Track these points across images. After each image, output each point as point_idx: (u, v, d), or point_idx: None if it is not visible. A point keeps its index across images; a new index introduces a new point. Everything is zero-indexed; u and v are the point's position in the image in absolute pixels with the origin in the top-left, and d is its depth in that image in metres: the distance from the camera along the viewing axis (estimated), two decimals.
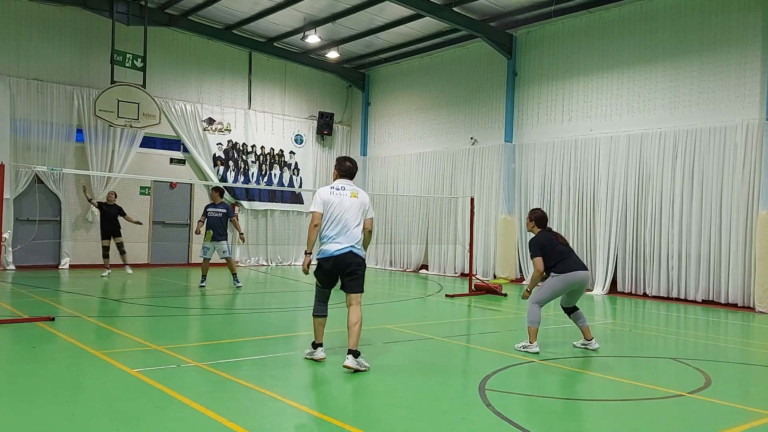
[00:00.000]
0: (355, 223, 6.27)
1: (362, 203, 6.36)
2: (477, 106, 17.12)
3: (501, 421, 4.65)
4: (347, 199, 6.30)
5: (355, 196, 6.34)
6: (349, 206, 6.28)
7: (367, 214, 6.41)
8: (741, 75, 12.13)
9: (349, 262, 6.23)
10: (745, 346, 8.59)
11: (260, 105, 19.17)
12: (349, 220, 6.24)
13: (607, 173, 13.96)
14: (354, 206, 6.30)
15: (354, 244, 6.23)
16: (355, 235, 6.25)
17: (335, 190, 6.36)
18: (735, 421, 4.91)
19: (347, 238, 6.22)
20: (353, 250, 6.23)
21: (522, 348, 7.28)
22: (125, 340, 7.34)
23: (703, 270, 12.43)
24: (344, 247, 6.21)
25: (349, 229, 6.23)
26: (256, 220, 18.95)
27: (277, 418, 4.71)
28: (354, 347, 6.15)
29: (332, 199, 6.29)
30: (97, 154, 16.04)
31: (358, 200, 6.33)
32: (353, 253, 6.23)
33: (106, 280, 13.47)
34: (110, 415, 4.55)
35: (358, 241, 6.25)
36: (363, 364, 6.13)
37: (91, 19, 15.90)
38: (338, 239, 6.22)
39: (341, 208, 6.27)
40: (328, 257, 6.23)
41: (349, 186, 6.41)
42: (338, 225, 6.24)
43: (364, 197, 6.42)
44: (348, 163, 6.54)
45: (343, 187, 6.39)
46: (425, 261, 18.43)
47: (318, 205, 6.34)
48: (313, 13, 16.37)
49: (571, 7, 14.50)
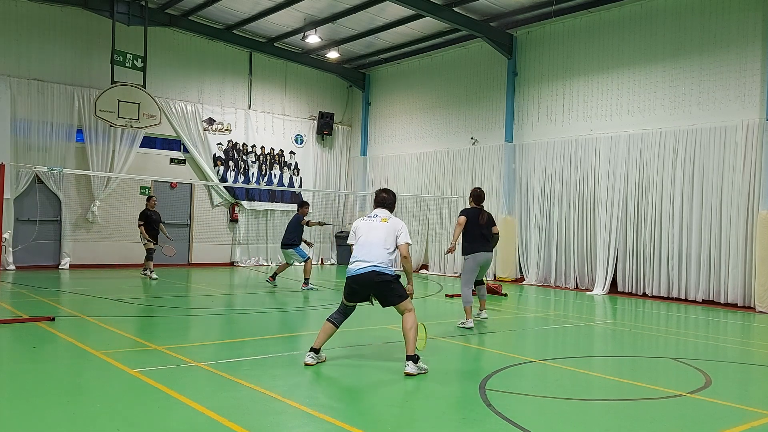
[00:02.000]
0: (381, 245, 6.41)
1: (392, 228, 6.50)
2: (477, 106, 17.12)
3: (501, 421, 4.65)
4: (376, 223, 6.57)
5: (385, 221, 6.57)
6: (375, 229, 6.51)
7: (400, 240, 6.49)
8: (741, 75, 12.13)
9: (372, 280, 6.36)
10: (745, 346, 8.58)
11: (260, 105, 19.17)
12: (373, 242, 6.43)
13: (607, 173, 13.96)
14: (381, 229, 6.49)
15: (377, 263, 6.35)
16: (378, 255, 6.38)
17: (368, 218, 6.73)
18: (735, 421, 4.91)
19: (370, 257, 6.39)
20: (376, 269, 6.35)
21: (461, 324, 8.91)
22: (125, 340, 7.34)
23: (703, 270, 12.43)
24: (366, 266, 6.36)
25: (371, 250, 6.40)
26: (256, 220, 18.95)
27: (277, 418, 4.71)
28: (411, 353, 6.20)
29: (361, 225, 6.66)
30: (97, 154, 16.05)
31: (387, 224, 6.53)
32: (376, 272, 6.35)
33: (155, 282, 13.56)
34: (110, 415, 4.55)
35: (382, 261, 6.37)
36: (423, 368, 6.20)
37: (92, 19, 15.91)
38: (361, 258, 6.43)
39: (368, 231, 6.53)
40: (351, 276, 6.47)
41: (381, 213, 6.68)
42: (363, 247, 6.47)
43: (395, 223, 6.56)
44: (383, 194, 6.83)
45: (376, 214, 6.69)
46: (425, 261, 18.44)
47: (351, 235, 6.78)
48: (314, 13, 16.37)
49: (571, 7, 14.51)
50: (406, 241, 6.50)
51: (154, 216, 14.38)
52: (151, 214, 14.34)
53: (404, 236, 6.51)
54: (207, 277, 15.29)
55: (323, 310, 10.88)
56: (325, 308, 10.99)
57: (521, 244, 15.79)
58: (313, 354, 6.43)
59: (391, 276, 6.40)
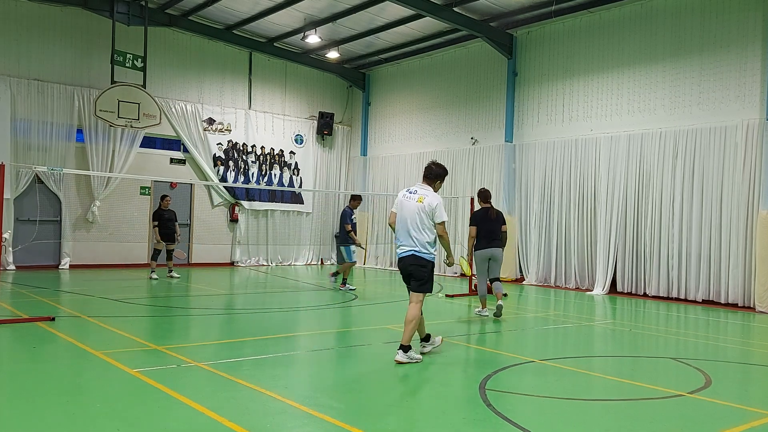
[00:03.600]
0: (418, 227, 6.42)
1: (427, 207, 6.42)
2: (477, 106, 17.12)
3: (501, 421, 4.65)
4: (413, 204, 6.49)
5: (421, 201, 6.47)
6: (412, 210, 6.47)
7: (436, 219, 6.46)
8: (741, 75, 12.13)
9: (410, 264, 6.48)
10: (745, 346, 8.58)
11: (260, 105, 19.17)
12: (410, 224, 6.44)
13: (607, 173, 13.96)
14: (417, 210, 6.44)
15: (416, 247, 6.43)
16: (418, 239, 6.42)
17: (408, 193, 6.62)
18: (735, 421, 4.91)
19: (410, 241, 6.46)
20: (415, 253, 6.44)
21: (477, 312, 9.84)
22: (125, 340, 7.34)
23: (703, 270, 12.43)
24: (407, 251, 6.48)
25: (410, 233, 6.44)
26: (256, 220, 18.95)
27: (277, 418, 4.71)
28: (405, 343, 6.36)
29: (402, 200, 6.59)
30: (97, 154, 16.04)
31: (422, 204, 6.45)
32: (415, 256, 6.44)
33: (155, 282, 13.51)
34: (110, 415, 4.55)
35: (421, 244, 6.42)
36: (414, 357, 6.37)
37: (92, 19, 15.91)
38: (403, 242, 6.53)
39: (405, 211, 6.52)
40: (398, 258, 6.62)
41: (421, 189, 6.58)
42: (402, 228, 6.53)
43: (430, 201, 6.45)
44: (431, 165, 6.75)
45: (416, 190, 6.60)
46: None
47: (395, 205, 6.72)
48: (314, 13, 16.37)
49: (571, 7, 14.50)
50: (441, 220, 6.46)
51: (167, 215, 14.27)
52: (164, 213, 14.24)
53: (439, 215, 6.46)
54: (207, 277, 15.29)
55: (323, 310, 10.88)
56: (327, 308, 10.99)
57: (521, 244, 15.78)
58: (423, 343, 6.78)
59: (426, 261, 6.47)
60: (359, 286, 14.68)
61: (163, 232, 14.12)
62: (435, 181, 6.69)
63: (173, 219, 14.38)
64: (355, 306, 11.08)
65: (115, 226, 16.39)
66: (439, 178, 6.71)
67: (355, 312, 10.55)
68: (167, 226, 14.19)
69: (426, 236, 6.43)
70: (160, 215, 14.20)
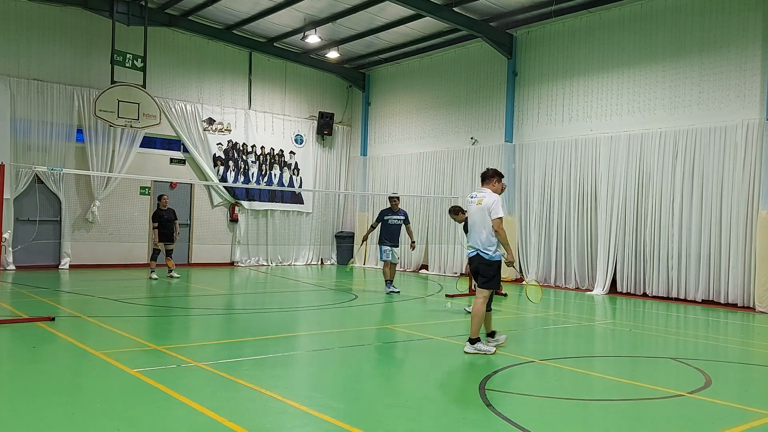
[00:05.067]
0: (481, 228, 6.92)
1: (486, 208, 6.89)
2: (477, 106, 17.12)
3: (501, 421, 4.65)
4: (474, 207, 7.07)
5: (480, 203, 7.00)
6: (474, 213, 7.04)
7: (492, 215, 6.86)
8: (741, 75, 12.13)
9: (476, 263, 7.00)
10: (745, 346, 8.58)
11: (260, 105, 19.17)
12: (474, 226, 6.98)
13: (607, 173, 13.96)
14: (478, 212, 6.98)
15: (480, 248, 6.92)
16: (481, 240, 6.91)
17: (470, 198, 7.23)
18: (735, 421, 4.91)
19: (474, 242, 6.99)
20: (479, 254, 6.94)
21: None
22: (125, 340, 7.34)
23: (703, 270, 12.42)
24: (472, 251, 7.00)
25: (474, 234, 6.97)
26: (256, 220, 18.95)
27: (277, 418, 4.71)
28: (472, 336, 6.89)
29: (468, 207, 7.24)
30: (97, 154, 16.04)
31: (481, 206, 6.97)
32: (479, 256, 6.95)
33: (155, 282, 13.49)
34: (110, 415, 4.55)
35: (484, 245, 6.90)
36: (482, 349, 6.84)
37: (92, 19, 15.91)
38: (470, 243, 7.07)
39: (470, 215, 7.14)
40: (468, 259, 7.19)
41: (480, 193, 7.13)
42: (471, 231, 7.10)
43: (488, 201, 6.94)
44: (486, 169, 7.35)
45: (475, 195, 7.17)
46: (425, 261, 18.43)
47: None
48: (313, 13, 16.37)
49: (571, 7, 14.50)
50: (496, 216, 6.86)
51: (167, 215, 14.21)
52: (164, 213, 14.17)
53: (495, 211, 6.89)
54: (207, 277, 15.29)
55: (323, 310, 10.88)
56: (327, 308, 10.99)
57: (521, 244, 15.77)
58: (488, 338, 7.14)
59: (489, 260, 6.91)
60: (359, 285, 14.69)
61: (162, 232, 14.08)
62: (492, 181, 7.16)
63: (172, 219, 14.33)
64: (355, 306, 11.08)
65: (115, 226, 16.39)
66: (495, 177, 7.19)
67: (355, 312, 10.55)
68: (166, 226, 14.14)
69: (488, 237, 6.87)
70: (159, 216, 14.15)
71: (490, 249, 6.89)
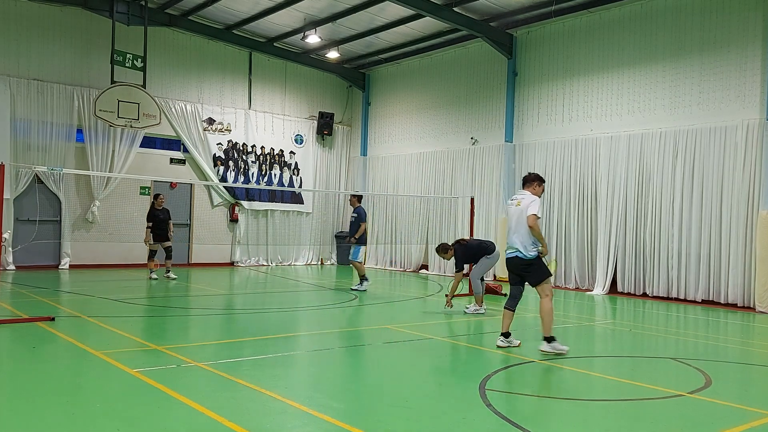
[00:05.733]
0: (519, 229, 7.04)
1: (523, 209, 7.04)
2: (477, 106, 17.12)
3: (501, 421, 4.65)
4: (513, 208, 7.19)
5: (519, 204, 7.14)
6: (513, 214, 7.14)
7: (528, 212, 6.98)
8: (741, 75, 12.13)
9: (517, 264, 7.15)
10: (745, 346, 8.58)
11: (260, 105, 19.17)
12: (513, 227, 7.10)
13: (607, 173, 13.96)
14: (516, 214, 7.09)
15: (519, 249, 7.05)
16: (521, 240, 7.03)
17: (510, 201, 7.35)
18: (735, 421, 4.91)
19: (513, 242, 7.11)
20: (518, 255, 7.08)
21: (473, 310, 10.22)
22: (125, 340, 7.34)
23: (703, 270, 12.42)
24: (512, 252, 7.13)
25: (512, 235, 7.10)
26: (256, 220, 18.95)
27: (277, 418, 4.71)
28: (547, 334, 6.99)
29: (507, 209, 7.34)
30: (97, 154, 16.04)
31: (520, 207, 7.09)
32: (518, 258, 7.10)
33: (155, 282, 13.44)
34: (110, 415, 4.55)
35: (523, 245, 7.03)
36: (557, 348, 6.95)
37: (91, 19, 15.91)
38: (509, 244, 7.16)
39: (509, 217, 7.23)
40: (506, 260, 7.32)
41: (519, 195, 7.27)
42: (509, 232, 7.20)
43: (526, 202, 7.09)
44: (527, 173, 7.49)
45: (515, 197, 7.30)
46: (425, 261, 18.43)
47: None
48: (313, 13, 16.37)
49: (571, 7, 14.50)
50: (531, 213, 6.99)
51: (162, 215, 14.01)
52: (159, 213, 13.97)
53: (531, 208, 7.01)
54: (207, 277, 15.29)
55: (323, 310, 10.88)
56: (327, 308, 10.99)
57: None
58: (503, 338, 7.21)
59: (529, 259, 7.04)
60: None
61: (157, 233, 13.87)
62: (533, 185, 7.30)
63: (167, 219, 14.12)
64: (355, 306, 11.09)
65: (115, 226, 16.38)
66: (536, 180, 7.32)
67: (355, 312, 10.55)
68: (161, 227, 13.92)
69: (526, 237, 6.99)
70: (155, 216, 13.92)
71: (530, 249, 7.02)
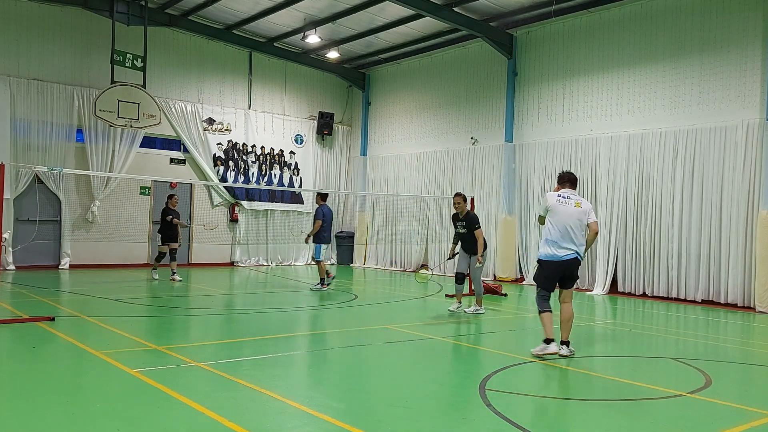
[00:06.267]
0: (579, 231, 6.96)
1: (585, 212, 7.01)
2: (477, 106, 17.12)
3: (501, 421, 4.65)
4: (572, 209, 6.98)
5: (579, 206, 7.02)
6: (573, 215, 6.95)
7: (590, 219, 7.02)
8: (741, 75, 12.13)
9: (574, 265, 6.99)
10: (745, 346, 8.58)
11: (260, 105, 19.17)
12: (572, 229, 6.92)
13: (607, 173, 13.96)
14: (577, 215, 6.97)
15: (578, 250, 6.95)
16: (579, 243, 6.96)
17: (563, 198, 7.05)
18: (735, 421, 4.91)
19: (572, 245, 6.91)
20: (577, 257, 6.95)
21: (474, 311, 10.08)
22: (125, 340, 7.34)
23: (703, 270, 12.42)
24: (570, 254, 6.90)
25: (573, 238, 6.91)
26: (256, 220, 18.95)
27: (277, 418, 4.71)
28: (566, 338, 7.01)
29: (559, 207, 6.98)
30: (97, 154, 16.04)
31: (581, 209, 7.00)
32: (577, 259, 6.96)
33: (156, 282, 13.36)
34: (110, 415, 4.55)
35: (581, 247, 6.98)
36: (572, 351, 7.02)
37: (91, 19, 15.91)
38: (566, 245, 6.90)
39: (565, 217, 6.93)
40: (556, 261, 6.93)
41: (573, 196, 7.11)
42: (566, 233, 6.91)
43: (586, 207, 7.07)
44: (573, 175, 7.33)
45: (569, 196, 7.07)
46: (425, 261, 18.43)
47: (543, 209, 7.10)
48: (313, 13, 16.37)
49: (571, 7, 14.50)
50: (595, 220, 7.08)
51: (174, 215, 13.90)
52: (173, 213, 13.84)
53: (593, 215, 7.09)
54: (207, 277, 15.29)
55: (323, 310, 10.88)
56: (327, 308, 10.99)
57: (521, 244, 15.78)
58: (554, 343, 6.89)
59: (581, 261, 7.04)
60: (359, 285, 14.69)
61: (169, 234, 13.81)
62: (576, 185, 7.29)
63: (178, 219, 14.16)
64: (355, 306, 11.09)
65: (115, 226, 16.38)
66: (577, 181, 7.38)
67: (355, 312, 10.55)
68: (172, 228, 13.83)
69: (583, 240, 7.01)
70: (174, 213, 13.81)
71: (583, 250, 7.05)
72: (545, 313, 7.01)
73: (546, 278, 7.03)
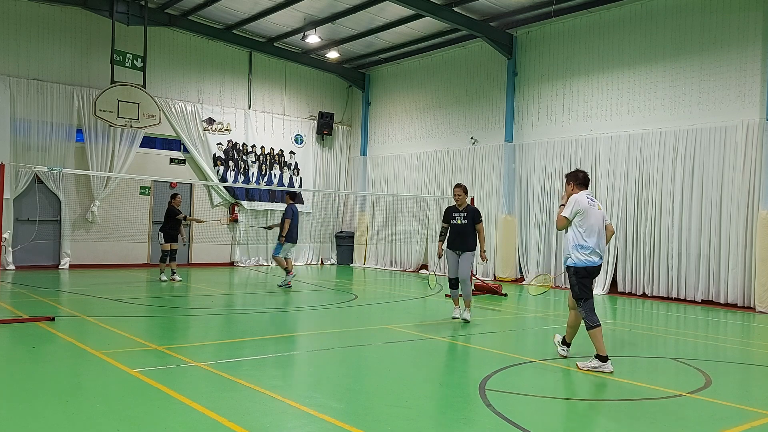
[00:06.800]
0: (603, 234, 6.69)
1: (603, 214, 6.77)
2: (477, 106, 17.12)
3: (501, 421, 4.65)
4: (597, 211, 6.65)
5: (600, 208, 6.75)
6: (599, 218, 6.63)
7: (606, 221, 6.80)
8: (741, 75, 12.13)
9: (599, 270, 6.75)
10: (745, 346, 8.58)
11: (260, 105, 19.17)
12: (601, 232, 6.63)
13: (607, 173, 13.96)
14: (601, 217, 6.67)
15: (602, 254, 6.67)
16: (603, 246, 6.70)
17: (590, 200, 6.64)
18: (735, 421, 4.91)
19: (601, 248, 6.63)
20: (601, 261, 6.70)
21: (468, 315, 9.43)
22: (125, 340, 7.34)
23: (703, 270, 12.43)
24: (600, 259, 6.62)
25: (599, 240, 6.61)
26: (256, 220, 18.95)
27: (277, 418, 4.71)
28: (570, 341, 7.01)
29: (589, 208, 6.56)
30: (97, 154, 16.04)
31: (602, 212, 6.74)
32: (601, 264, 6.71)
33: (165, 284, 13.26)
34: (110, 415, 4.55)
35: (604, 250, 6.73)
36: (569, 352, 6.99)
37: (91, 19, 15.91)
38: (599, 249, 6.60)
39: (596, 219, 6.59)
40: (594, 266, 6.61)
41: (594, 199, 6.78)
42: (597, 236, 6.57)
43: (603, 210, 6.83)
44: (583, 174, 6.84)
45: (593, 199, 6.73)
46: (425, 261, 18.43)
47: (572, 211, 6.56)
48: (313, 13, 16.37)
49: (571, 7, 14.50)
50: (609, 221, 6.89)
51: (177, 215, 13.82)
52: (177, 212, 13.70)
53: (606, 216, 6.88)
54: (207, 277, 15.29)
55: (323, 310, 10.88)
56: (327, 308, 10.99)
57: (521, 244, 15.78)
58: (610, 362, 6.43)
59: None
60: (359, 285, 14.69)
61: (171, 233, 13.70)
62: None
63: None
64: (355, 306, 11.09)
65: (115, 226, 16.39)
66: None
67: (355, 312, 10.55)
68: (175, 228, 13.73)
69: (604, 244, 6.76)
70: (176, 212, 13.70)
71: None
72: (599, 327, 6.44)
73: (588, 287, 6.57)
